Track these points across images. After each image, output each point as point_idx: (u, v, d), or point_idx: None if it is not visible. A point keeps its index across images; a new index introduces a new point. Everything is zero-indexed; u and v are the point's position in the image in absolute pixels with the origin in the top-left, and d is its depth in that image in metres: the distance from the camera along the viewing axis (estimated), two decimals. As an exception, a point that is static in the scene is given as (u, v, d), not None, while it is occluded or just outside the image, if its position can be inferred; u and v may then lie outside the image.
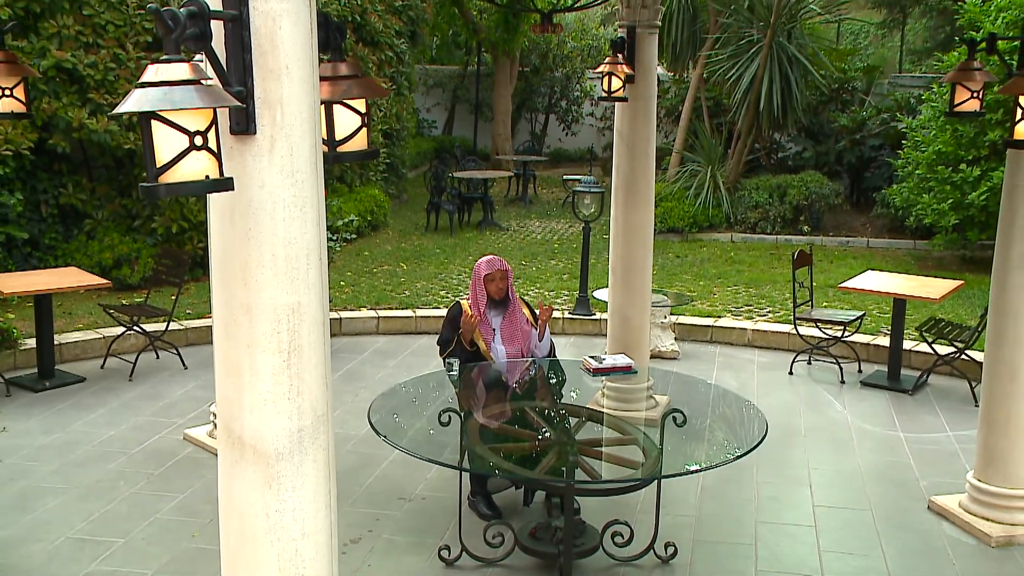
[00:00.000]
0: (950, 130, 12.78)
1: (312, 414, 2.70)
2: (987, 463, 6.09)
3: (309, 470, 2.74)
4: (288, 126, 2.47)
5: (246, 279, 2.55)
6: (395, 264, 13.14)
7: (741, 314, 10.83)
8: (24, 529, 5.83)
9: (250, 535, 2.76)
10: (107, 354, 8.92)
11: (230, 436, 2.71)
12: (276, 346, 2.60)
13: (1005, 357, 5.97)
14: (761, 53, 15.13)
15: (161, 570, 5.41)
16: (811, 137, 17.37)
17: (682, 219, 15.45)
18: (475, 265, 6.53)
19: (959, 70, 5.80)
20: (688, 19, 16.49)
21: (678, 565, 5.59)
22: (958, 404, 8.34)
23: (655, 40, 7.21)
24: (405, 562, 5.59)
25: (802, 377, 9.12)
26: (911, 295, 8.70)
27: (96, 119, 10.40)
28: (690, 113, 16.83)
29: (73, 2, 10.40)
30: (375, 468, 6.87)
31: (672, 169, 16.68)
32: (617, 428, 5.93)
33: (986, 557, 5.77)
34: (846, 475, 6.95)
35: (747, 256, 14.20)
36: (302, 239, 2.56)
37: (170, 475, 6.68)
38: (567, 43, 25.17)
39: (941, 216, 12.82)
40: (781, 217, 15.51)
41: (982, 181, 12.35)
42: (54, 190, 11.11)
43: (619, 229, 7.61)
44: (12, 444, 7.03)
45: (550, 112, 25.50)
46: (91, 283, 8.65)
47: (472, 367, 6.37)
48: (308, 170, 2.53)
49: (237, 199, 2.49)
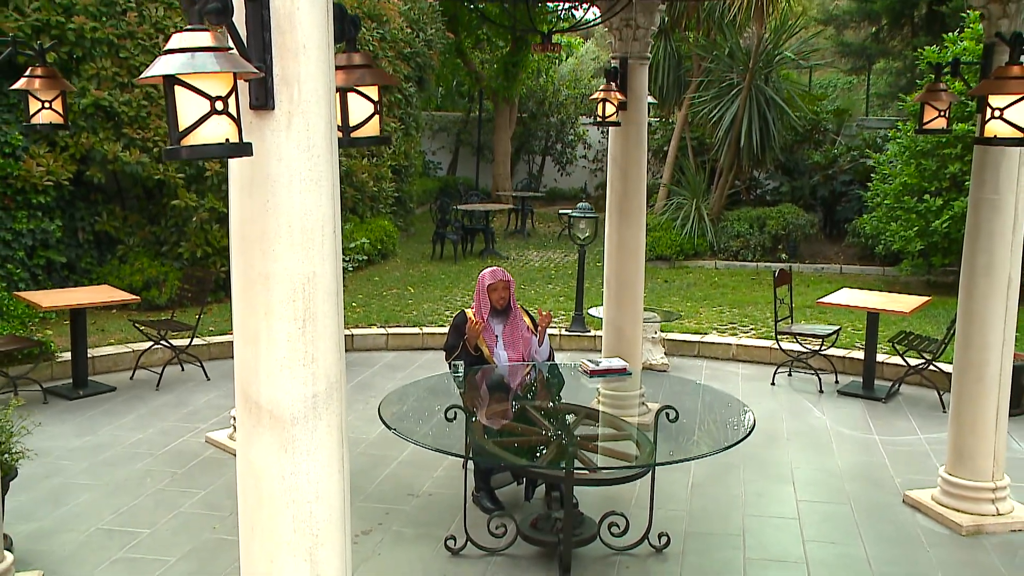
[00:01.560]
0: (914, 164, 12.78)
1: (326, 380, 2.62)
2: (957, 458, 6.01)
3: (323, 435, 2.65)
4: (305, 103, 2.41)
5: (264, 249, 2.48)
6: (403, 288, 13.06)
7: (726, 331, 10.75)
8: (57, 521, 5.73)
9: (266, 497, 2.67)
10: (136, 366, 8.84)
11: (247, 401, 2.63)
12: (292, 314, 2.52)
13: (973, 360, 5.90)
14: (741, 95, 15.17)
15: (184, 558, 5.30)
16: (787, 173, 17.38)
17: (670, 247, 15.42)
18: (479, 276, 6.46)
19: (927, 91, 5.76)
20: (673, 65, 16.55)
21: (671, 554, 5.47)
22: (928, 411, 8.27)
23: (645, 70, 7.19)
24: (413, 551, 5.48)
25: (783, 387, 9.03)
26: (884, 309, 8.63)
27: (129, 152, 10.37)
28: (676, 150, 16.85)
29: (111, 46, 10.41)
30: (385, 468, 6.77)
31: (660, 202, 16.67)
32: (612, 425, 5.83)
33: (957, 544, 5.68)
34: (826, 474, 6.85)
35: (730, 281, 14.15)
36: (317, 211, 2.49)
37: (193, 473, 6.58)
38: (561, 91, 25.29)
39: (908, 242, 12.79)
40: (761, 246, 15.47)
41: (944, 210, 12.32)
42: (90, 218, 11.07)
43: (613, 246, 7.56)
44: (47, 446, 6.92)
45: (546, 154, 25.58)
46: (121, 299, 8.57)
47: (476, 370, 6.28)
48: (323, 145, 2.47)
49: (255, 172, 2.42)
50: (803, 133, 17.05)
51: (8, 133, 9.91)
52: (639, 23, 6.97)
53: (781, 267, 9.69)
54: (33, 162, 10.02)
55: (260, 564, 2.73)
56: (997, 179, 5.66)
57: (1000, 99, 4.20)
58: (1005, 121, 4.21)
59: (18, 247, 10.07)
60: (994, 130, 4.29)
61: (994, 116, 4.23)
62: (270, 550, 2.70)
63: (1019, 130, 4.20)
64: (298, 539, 2.68)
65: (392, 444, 7.22)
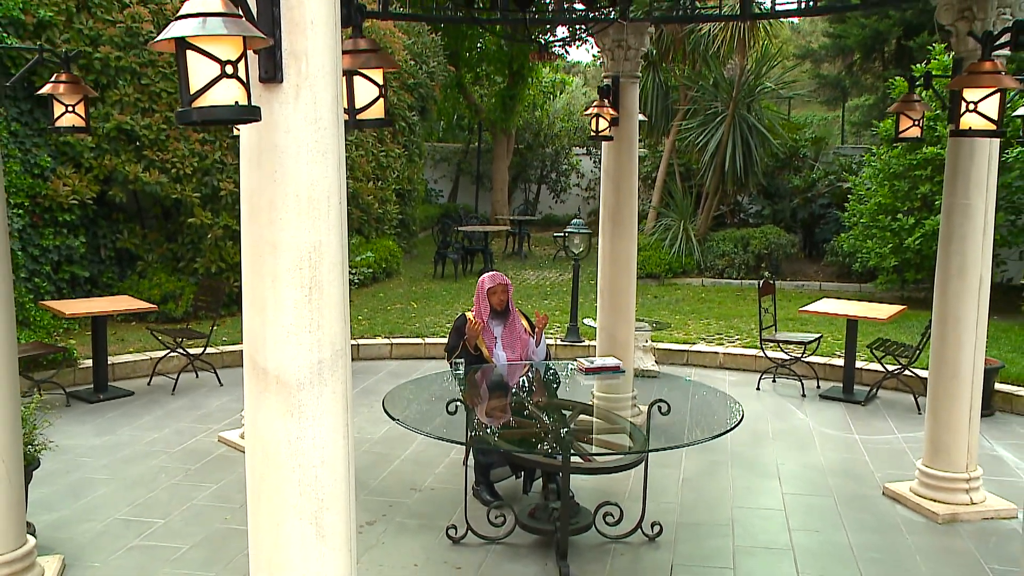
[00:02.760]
0: (888, 185, 12.78)
1: (331, 348, 2.55)
2: (933, 451, 5.95)
3: (328, 401, 2.58)
4: (312, 76, 2.36)
5: (272, 218, 2.43)
6: (406, 303, 13.00)
7: (713, 341, 10.68)
8: (77, 512, 5.67)
9: (273, 462, 2.59)
10: (153, 372, 8.77)
11: (255, 368, 2.56)
12: (298, 281, 2.46)
13: (948, 358, 5.84)
14: (725, 123, 15.19)
15: (196, 546, 5.21)
16: (768, 197, 17.37)
17: (659, 266, 15.38)
18: (479, 279, 6.41)
19: (902, 102, 5.74)
20: (661, 95, 16.58)
21: (663, 542, 5.39)
22: (904, 412, 8.20)
23: (636, 88, 7.18)
24: (416, 540, 5.39)
25: (768, 392, 8.96)
26: (862, 316, 8.59)
27: (149, 173, 10.35)
28: (664, 175, 16.85)
29: (133, 74, 10.41)
30: (389, 465, 6.68)
31: (650, 223, 16.65)
32: (607, 419, 5.76)
33: (934, 532, 5.62)
34: (810, 469, 6.77)
35: (716, 296, 14.09)
36: (323, 182, 2.43)
37: (206, 469, 6.49)
38: (556, 124, 25.37)
39: (883, 258, 12.77)
40: (745, 264, 15.43)
41: (916, 228, 12.31)
42: (112, 235, 11.04)
43: (606, 255, 7.50)
44: (68, 444, 6.85)
45: (542, 182, 25.58)
46: (139, 307, 8.53)
47: (476, 369, 6.22)
48: (330, 118, 2.42)
49: (263, 143, 2.37)
50: (783, 159, 17.06)
51: (37, 155, 9.90)
52: (630, 44, 6.96)
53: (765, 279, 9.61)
54: (59, 182, 10.00)
55: (267, 528, 2.66)
56: (968, 185, 5.63)
57: (974, 93, 4.17)
58: (979, 114, 4.18)
59: (45, 262, 10.04)
60: (969, 122, 4.26)
61: (969, 109, 4.21)
62: (277, 514, 2.63)
63: (992, 122, 4.18)
64: (304, 503, 2.60)
65: (396, 443, 7.16)
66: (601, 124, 6.78)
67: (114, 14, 10.27)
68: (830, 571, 5.08)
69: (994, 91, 4.12)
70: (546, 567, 5.05)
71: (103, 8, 10.21)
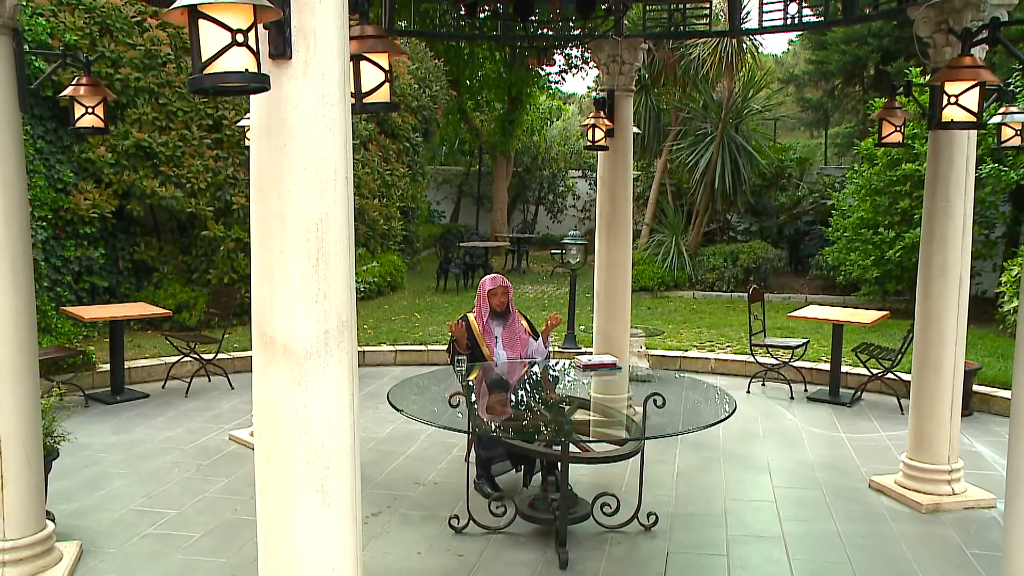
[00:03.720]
0: (869, 200, 12.78)
1: (337, 318, 2.51)
2: (917, 444, 5.90)
3: (334, 371, 2.53)
4: (320, 53, 2.34)
5: (280, 191, 2.39)
6: (410, 314, 12.95)
7: (704, 347, 10.63)
8: (94, 502, 5.62)
9: (280, 430, 2.54)
10: (167, 376, 8.73)
11: (263, 337, 2.51)
12: (306, 252, 2.42)
13: (930, 354, 5.80)
14: (714, 143, 15.22)
15: (207, 534, 5.15)
16: (756, 215, 17.37)
17: (652, 279, 15.35)
18: (480, 281, 6.38)
19: (884, 108, 5.75)
20: (654, 117, 16.62)
21: (659, 532, 5.32)
22: (888, 413, 8.15)
23: (630, 101, 7.18)
24: (419, 530, 5.32)
25: (758, 395, 8.90)
26: (847, 320, 8.55)
27: (165, 188, 10.34)
28: (657, 194, 16.84)
29: (151, 94, 10.43)
30: (393, 461, 6.62)
31: (643, 240, 16.63)
32: (604, 413, 5.70)
33: (918, 521, 5.57)
34: (799, 465, 6.70)
35: (707, 308, 14.05)
36: (330, 156, 2.40)
37: (217, 465, 6.43)
38: (553, 148, 25.42)
39: (865, 270, 12.75)
40: (734, 278, 15.40)
41: (897, 241, 12.30)
42: (130, 248, 11.01)
43: (603, 261, 7.48)
44: (87, 441, 6.80)
45: (539, 203, 25.59)
46: (155, 313, 8.49)
47: (477, 366, 6.17)
48: (337, 95, 2.39)
49: (273, 118, 2.35)
50: (770, 178, 17.09)
51: (61, 171, 9.90)
52: (624, 59, 6.96)
53: (755, 287, 9.58)
54: (81, 197, 9.99)
55: (274, 495, 2.61)
56: (948, 188, 5.62)
57: (955, 86, 4.16)
58: (960, 106, 4.17)
59: (66, 272, 10.01)
60: (951, 115, 4.24)
61: (950, 102, 4.19)
62: (284, 481, 2.58)
63: (972, 114, 4.16)
64: (310, 470, 2.56)
65: (399, 442, 7.10)
66: (597, 134, 6.77)
67: (134, 37, 10.30)
68: (820, 557, 5.02)
69: (974, 84, 4.11)
70: (545, 554, 4.98)
71: (124, 32, 10.24)
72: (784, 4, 6.49)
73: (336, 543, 2.63)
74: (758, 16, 6.62)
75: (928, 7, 5.55)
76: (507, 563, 4.88)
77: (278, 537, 2.62)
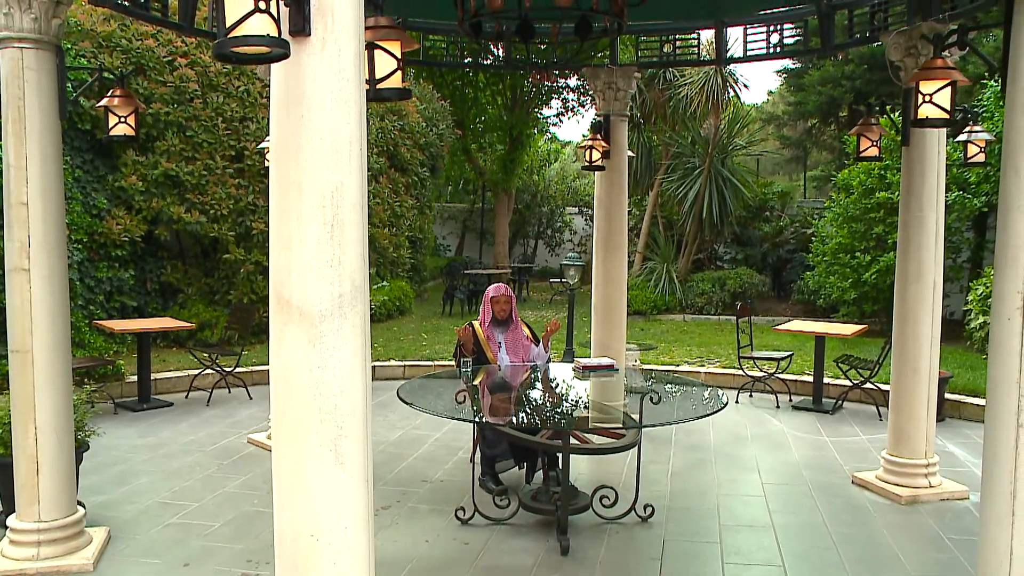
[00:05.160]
0: (847, 227, 12.80)
1: (351, 283, 2.49)
2: (896, 440, 5.85)
3: (348, 333, 2.51)
4: (337, 31, 2.35)
5: (298, 160, 2.39)
6: (418, 335, 12.91)
7: (695, 363, 10.59)
8: (121, 496, 5.58)
9: (295, 391, 2.51)
10: (190, 387, 8.69)
11: (279, 301, 2.50)
12: (321, 218, 2.42)
13: (908, 354, 5.78)
14: (702, 175, 15.29)
15: (226, 524, 5.10)
16: (741, 245, 17.41)
17: (645, 303, 15.32)
18: (485, 291, 6.37)
19: (861, 125, 5.77)
20: (645, 152, 16.72)
21: (655, 523, 5.25)
22: (867, 420, 8.09)
23: (625, 125, 7.23)
24: (427, 522, 5.25)
25: (746, 405, 8.83)
26: (829, 332, 8.53)
27: (190, 214, 10.38)
28: (649, 224, 16.89)
29: (179, 127, 10.50)
30: (402, 462, 6.56)
31: (636, 267, 16.63)
32: (602, 410, 5.66)
33: (898, 512, 5.52)
34: (786, 464, 6.64)
35: (697, 329, 14.02)
36: (346, 128, 2.41)
37: (236, 464, 6.38)
38: (551, 186, 25.57)
39: (844, 292, 12.75)
40: (722, 302, 15.37)
41: (873, 264, 12.30)
42: (157, 270, 11.02)
43: (599, 275, 7.48)
44: (114, 443, 6.76)
45: (539, 238, 25.66)
46: (179, 326, 8.51)
47: (481, 368, 6.14)
48: (352, 71, 2.40)
49: (291, 91, 2.36)
50: (754, 209, 17.14)
51: (95, 198, 9.96)
52: (619, 86, 7.03)
53: (741, 303, 9.57)
54: (113, 222, 10.03)
55: (289, 455, 2.58)
56: (921, 200, 5.64)
57: (929, 85, 4.19)
58: (934, 104, 4.19)
59: (99, 292, 10.01)
60: (926, 112, 4.26)
61: (925, 101, 4.22)
62: (298, 441, 2.55)
63: (945, 111, 4.19)
64: (324, 429, 2.52)
65: (408, 445, 7.04)
66: (595, 155, 6.81)
67: (165, 75, 10.41)
68: (807, 543, 4.95)
69: (946, 83, 4.15)
70: (547, 542, 4.92)
71: (156, 70, 10.34)
72: (767, 35, 6.56)
73: (348, 502, 2.60)
74: (743, 46, 6.70)
75: (898, 34, 5.62)
76: (511, 550, 4.81)
77: (292, 497, 2.59)
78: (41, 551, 4.28)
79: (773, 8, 6.55)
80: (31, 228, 4.19)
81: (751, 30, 6.59)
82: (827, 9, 6.24)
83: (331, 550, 2.57)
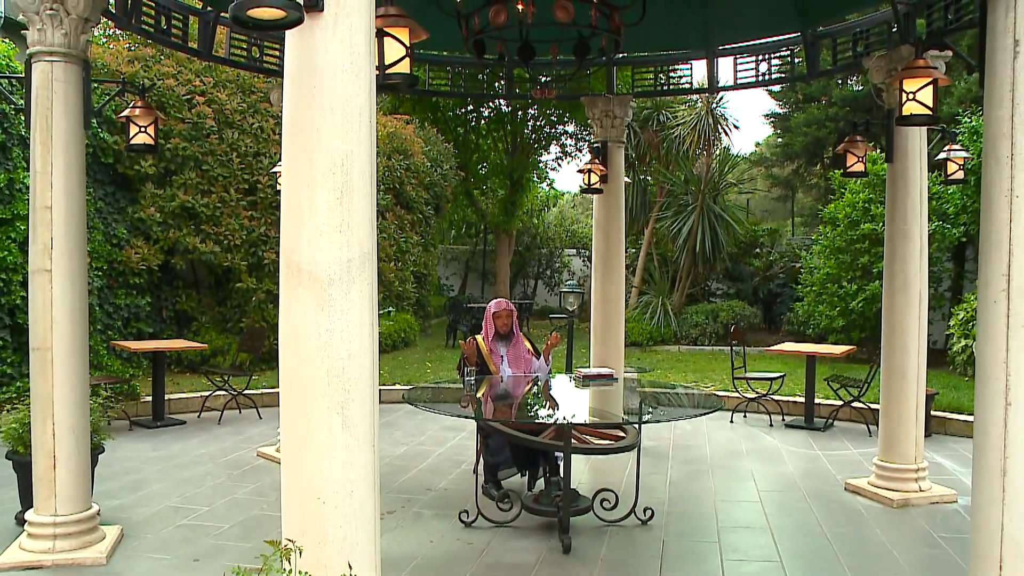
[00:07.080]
0: (834, 259, 12.84)
1: (359, 249, 2.49)
2: (887, 446, 5.79)
3: (355, 298, 2.49)
4: (348, 7, 2.39)
5: (309, 129, 2.41)
6: (422, 364, 12.84)
7: (691, 385, 10.51)
8: (135, 500, 5.51)
9: (304, 354, 2.49)
10: (202, 407, 8.63)
11: (290, 267, 2.49)
12: (331, 184, 2.42)
13: (896, 363, 5.74)
14: (695, 212, 15.37)
15: (235, 526, 5.01)
16: (732, 280, 17.43)
17: (641, 335, 15.28)
18: (487, 305, 6.36)
19: (847, 142, 5.82)
20: (640, 190, 16.83)
21: (655, 525, 5.17)
22: (858, 436, 8.01)
23: (622, 151, 7.29)
24: (432, 524, 5.17)
25: (740, 424, 8.75)
26: (820, 352, 8.50)
27: (205, 244, 10.42)
28: (645, 259, 16.92)
29: (196, 161, 10.60)
30: (407, 474, 6.48)
31: (633, 300, 16.63)
32: (601, 415, 5.61)
33: (889, 514, 5.45)
34: (780, 475, 6.55)
35: (691, 358, 13.95)
36: (356, 99, 2.43)
37: (246, 474, 6.29)
38: (550, 228, 25.70)
39: (832, 320, 12.72)
40: (715, 333, 15.34)
41: (859, 293, 12.31)
42: (172, 298, 11.01)
43: (598, 296, 7.48)
44: (129, 455, 6.71)
45: (538, 278, 25.70)
46: (192, 346, 8.51)
47: (484, 377, 6.10)
48: (363, 45, 2.43)
49: (304, 64, 2.38)
50: (745, 246, 17.20)
51: (116, 228, 10.01)
52: (616, 113, 7.11)
53: (735, 326, 9.55)
54: (132, 251, 10.06)
55: (298, 418, 2.55)
56: (905, 214, 5.66)
57: (912, 83, 4.24)
58: (917, 101, 4.24)
59: (117, 318, 10.01)
60: (910, 109, 4.31)
61: (909, 98, 4.26)
62: (306, 404, 2.52)
63: (928, 108, 4.23)
64: (332, 392, 2.50)
65: (413, 458, 6.96)
66: (593, 179, 6.85)
67: (184, 113, 10.54)
68: (803, 543, 4.86)
69: (928, 82, 4.20)
70: (549, 542, 4.83)
71: (175, 108, 10.48)
72: (756, 63, 6.67)
73: (355, 465, 2.57)
74: (733, 75, 6.79)
75: (880, 57, 5.71)
76: (514, 549, 4.73)
77: (299, 459, 2.56)
78: (57, 544, 4.21)
79: (761, 39, 6.66)
80: (54, 231, 4.21)
81: (740, 59, 6.70)
82: (812, 39, 6.35)
83: (337, 513, 2.53)
